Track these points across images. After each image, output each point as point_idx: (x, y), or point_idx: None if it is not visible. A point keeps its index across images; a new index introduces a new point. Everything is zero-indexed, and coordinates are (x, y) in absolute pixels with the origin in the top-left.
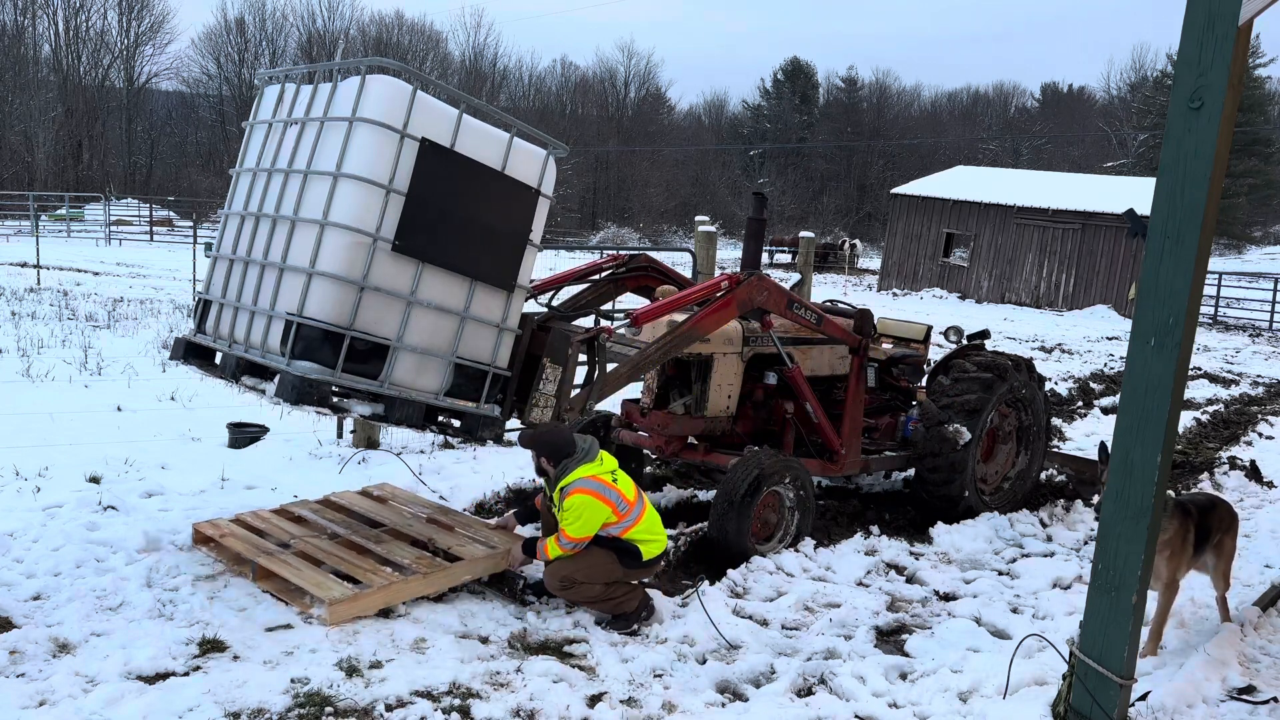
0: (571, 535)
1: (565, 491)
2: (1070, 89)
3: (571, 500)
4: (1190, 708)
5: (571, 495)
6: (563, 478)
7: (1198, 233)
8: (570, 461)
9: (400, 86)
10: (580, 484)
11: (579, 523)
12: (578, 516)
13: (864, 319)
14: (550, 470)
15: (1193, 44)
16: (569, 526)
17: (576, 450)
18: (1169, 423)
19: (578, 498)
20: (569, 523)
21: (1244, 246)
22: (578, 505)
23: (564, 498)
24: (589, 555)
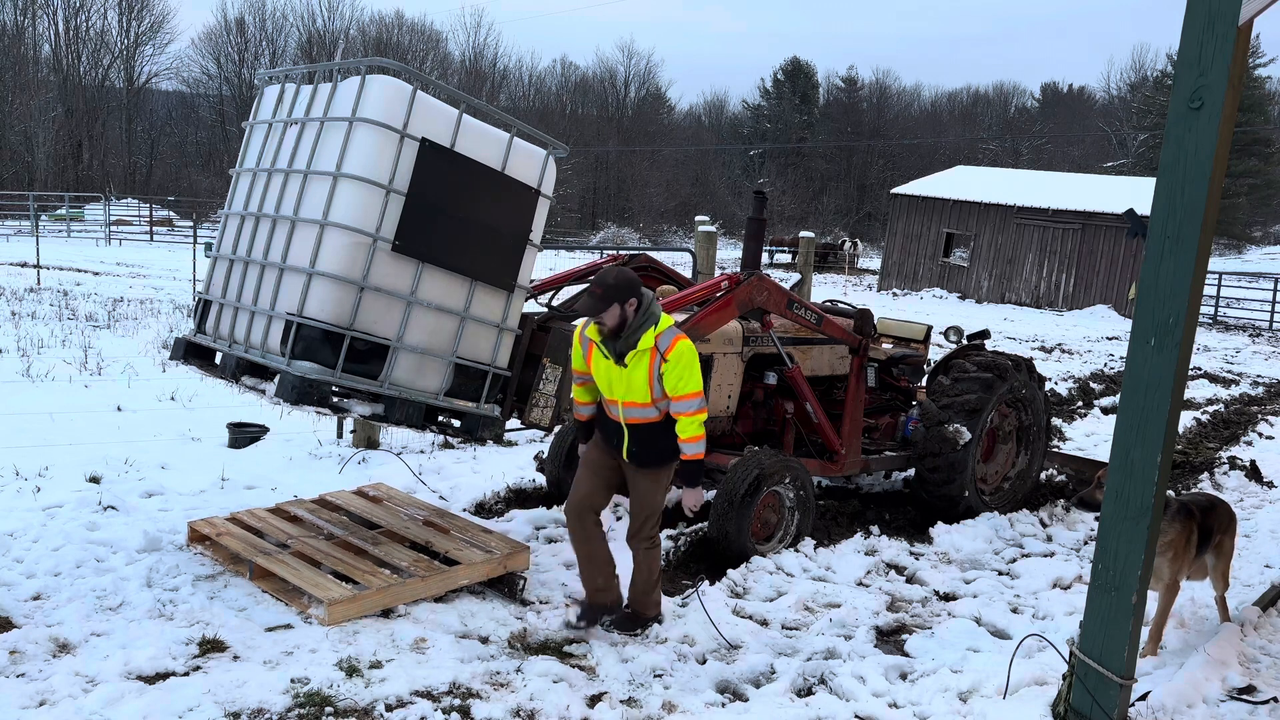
0: (698, 390)
1: (666, 341)
2: (1070, 89)
3: (679, 350)
4: (1190, 708)
5: (676, 344)
6: (650, 325)
7: (1198, 233)
8: (655, 305)
9: (400, 86)
10: (676, 330)
11: (696, 375)
12: (690, 367)
13: (864, 319)
14: (631, 316)
15: (1193, 44)
16: (690, 381)
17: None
18: (1169, 423)
19: (684, 344)
20: (687, 378)
21: (1244, 246)
22: (687, 353)
23: (664, 350)
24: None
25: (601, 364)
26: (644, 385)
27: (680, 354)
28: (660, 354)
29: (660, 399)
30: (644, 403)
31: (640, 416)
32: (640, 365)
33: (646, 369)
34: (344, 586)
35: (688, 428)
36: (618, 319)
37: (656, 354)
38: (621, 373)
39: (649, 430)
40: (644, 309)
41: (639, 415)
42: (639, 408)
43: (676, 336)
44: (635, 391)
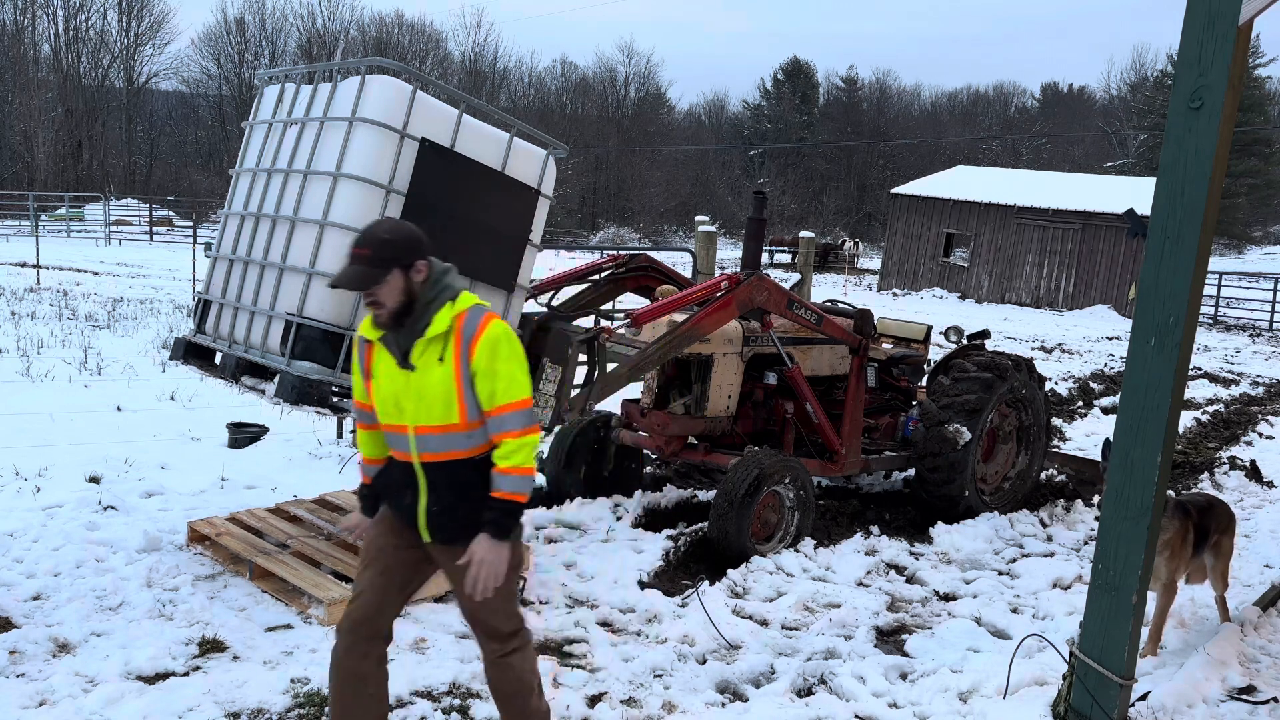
0: (527, 397)
1: (472, 323)
2: (1070, 89)
3: (492, 336)
4: (1190, 708)
5: (487, 327)
6: (445, 299)
7: (1198, 233)
8: (449, 274)
9: (400, 86)
10: (486, 308)
11: (521, 372)
12: (511, 361)
13: (864, 319)
14: (419, 288)
15: (1193, 44)
16: (515, 384)
17: None
18: (1169, 422)
19: (499, 327)
20: (510, 379)
21: (1244, 246)
22: (505, 341)
23: (471, 337)
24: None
25: (384, 373)
26: (444, 394)
27: (495, 342)
28: (465, 343)
29: (475, 420)
30: (446, 426)
31: (442, 450)
32: (435, 363)
33: (448, 368)
34: (344, 586)
35: (512, 453)
36: (400, 295)
37: (461, 343)
38: (408, 380)
39: (461, 475)
40: (435, 278)
41: (440, 448)
42: (439, 434)
43: (487, 316)
44: (430, 407)
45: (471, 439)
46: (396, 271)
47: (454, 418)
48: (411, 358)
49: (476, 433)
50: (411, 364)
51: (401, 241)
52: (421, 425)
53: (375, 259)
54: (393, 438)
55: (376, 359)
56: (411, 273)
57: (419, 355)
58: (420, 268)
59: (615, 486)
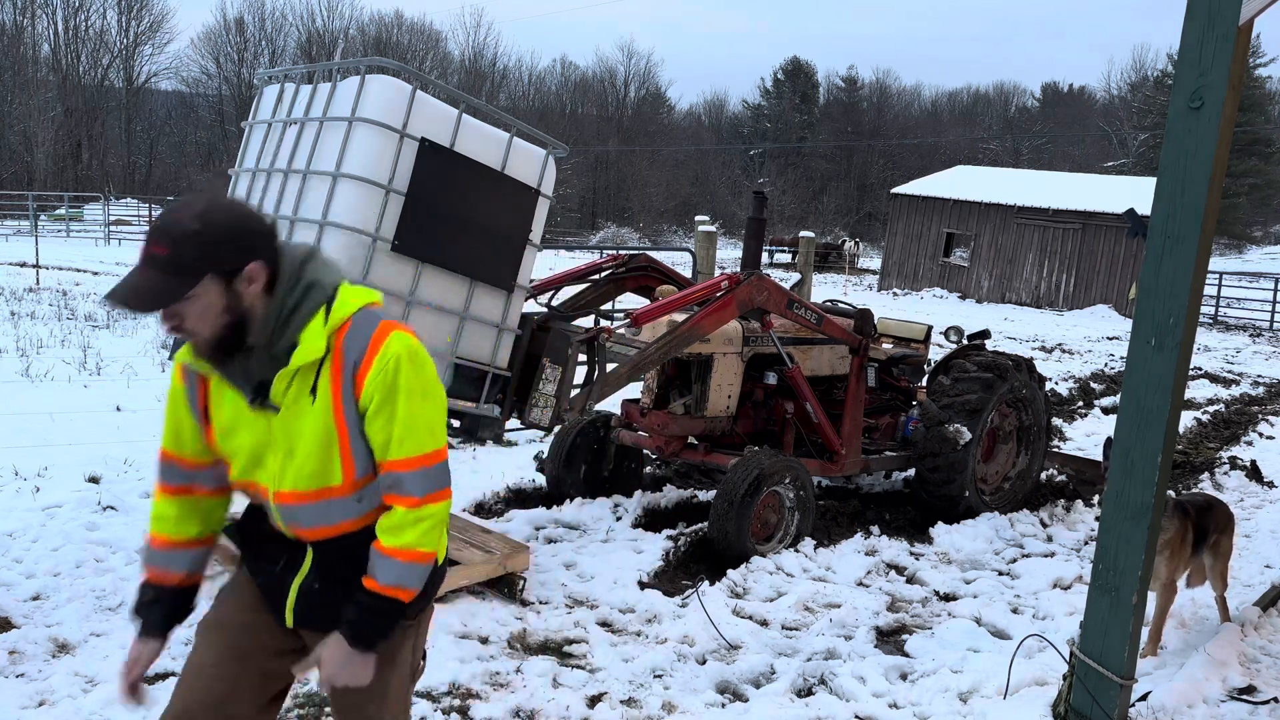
0: (440, 446)
1: (361, 337)
2: (1071, 89)
3: (392, 354)
4: (1190, 708)
5: (386, 340)
6: (316, 306)
7: (1198, 233)
8: (313, 263)
9: (400, 86)
10: (382, 315)
11: (433, 405)
12: (418, 395)
13: (864, 319)
14: (257, 300)
15: (1193, 44)
16: (425, 430)
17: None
18: (1169, 422)
19: (402, 341)
20: (417, 415)
21: (1244, 246)
22: (408, 361)
23: (360, 357)
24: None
25: (233, 414)
26: (320, 446)
27: (393, 364)
28: (349, 368)
29: (366, 476)
30: (322, 491)
31: (318, 524)
32: (305, 400)
33: (324, 406)
34: None
35: (401, 527)
36: (220, 316)
37: (341, 369)
38: (269, 425)
39: (360, 550)
40: (291, 278)
41: (315, 521)
42: (312, 504)
43: (383, 326)
44: (301, 464)
45: (364, 502)
46: (210, 281)
47: (334, 478)
48: (273, 394)
49: (367, 493)
50: (274, 403)
51: (218, 234)
52: (284, 492)
53: (174, 262)
54: (254, 498)
55: (216, 396)
56: (238, 282)
57: (282, 390)
58: (254, 272)
59: (615, 486)
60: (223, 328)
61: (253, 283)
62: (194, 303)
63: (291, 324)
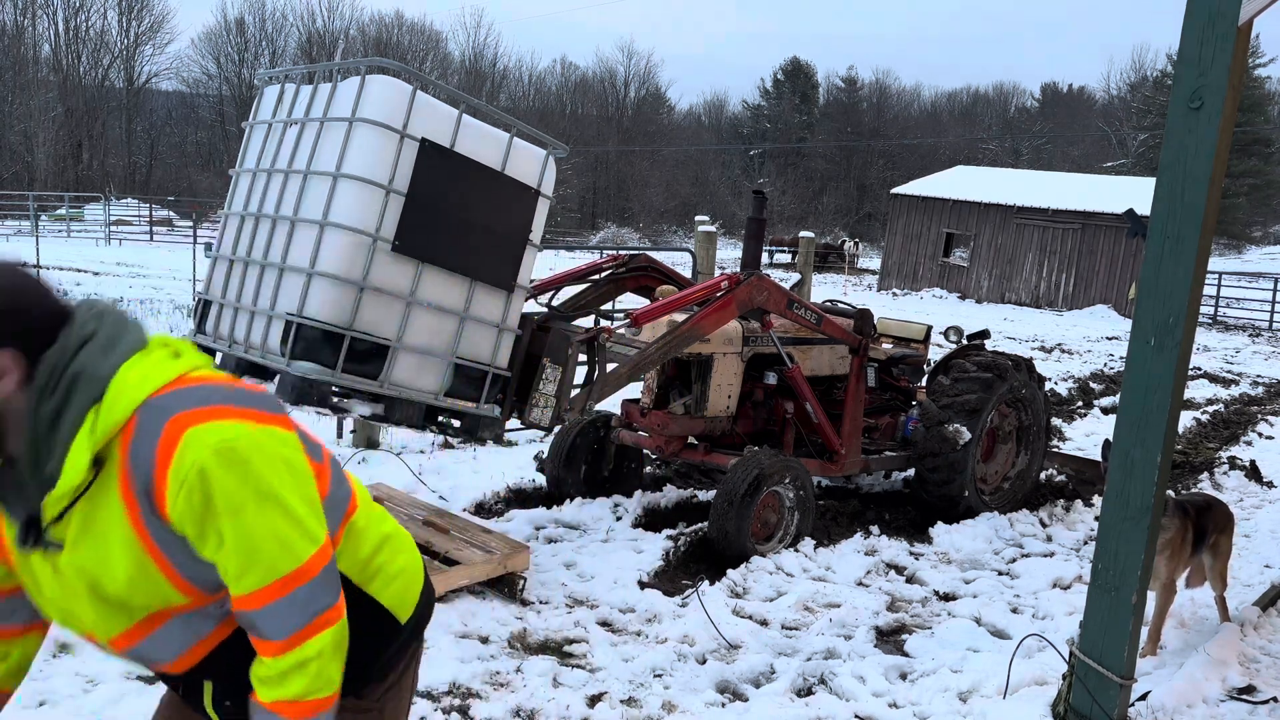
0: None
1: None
2: (1070, 89)
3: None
4: (1190, 707)
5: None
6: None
7: (1197, 232)
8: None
9: (400, 86)
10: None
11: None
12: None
13: (864, 319)
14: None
15: (1193, 44)
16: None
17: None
18: (1169, 422)
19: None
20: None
21: (1244, 246)
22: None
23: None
24: None
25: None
26: (142, 582)
27: (198, 476)
28: (141, 487)
29: (211, 589)
30: (168, 609)
31: (190, 645)
32: (99, 534)
33: (121, 532)
34: None
35: (279, 679)
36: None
37: (130, 486)
38: (55, 568)
39: (244, 658)
40: (52, 373)
41: (183, 644)
42: (164, 626)
43: (175, 423)
44: (118, 608)
45: (224, 606)
46: None
47: (173, 599)
48: (52, 531)
49: (226, 599)
50: (54, 540)
51: None
52: (116, 638)
53: None
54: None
55: (6, 523)
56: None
57: (61, 520)
58: (8, 363)
59: (615, 486)
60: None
61: (5, 376)
62: None
63: (56, 436)
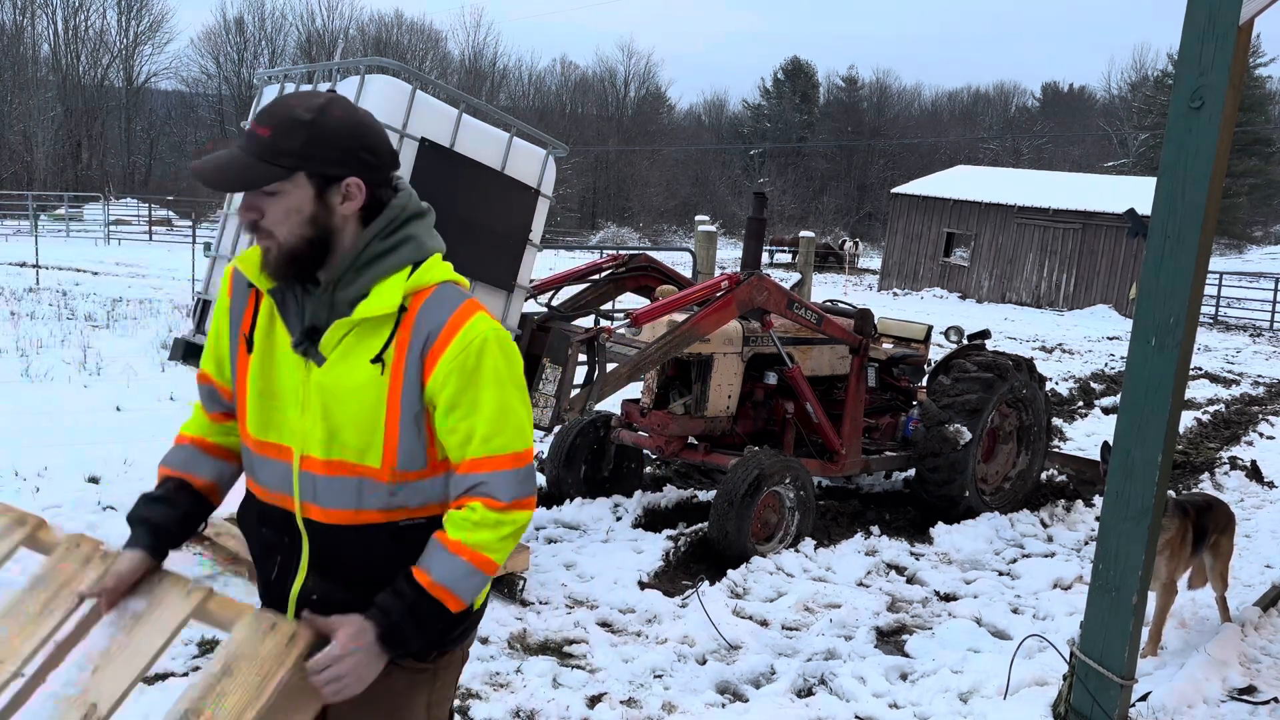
0: (527, 447)
1: (441, 312)
2: (1071, 88)
3: (474, 339)
4: (1191, 708)
5: (467, 323)
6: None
7: (1198, 232)
8: (421, 221)
9: (399, 86)
10: (467, 295)
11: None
12: (515, 380)
13: (864, 319)
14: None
15: (1193, 44)
16: (515, 427)
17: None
18: (1170, 423)
19: (488, 329)
20: (511, 411)
21: (1245, 246)
22: (495, 352)
23: (436, 332)
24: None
25: (270, 350)
26: (367, 417)
27: (477, 350)
28: (421, 343)
29: (409, 470)
30: (356, 468)
31: (341, 505)
32: (362, 363)
33: (383, 378)
34: None
35: (479, 526)
36: (304, 224)
37: (411, 342)
38: (308, 376)
39: (372, 550)
40: (391, 218)
41: (338, 501)
42: (340, 478)
43: (467, 304)
44: (338, 430)
45: (396, 496)
46: (303, 180)
47: (370, 458)
48: (323, 344)
49: (407, 488)
50: (320, 353)
51: (328, 133)
52: (313, 456)
53: (271, 147)
54: (262, 465)
55: (266, 322)
56: (332, 192)
57: (334, 342)
58: (351, 188)
59: (615, 486)
60: (301, 240)
61: (347, 200)
62: (279, 199)
63: (368, 272)
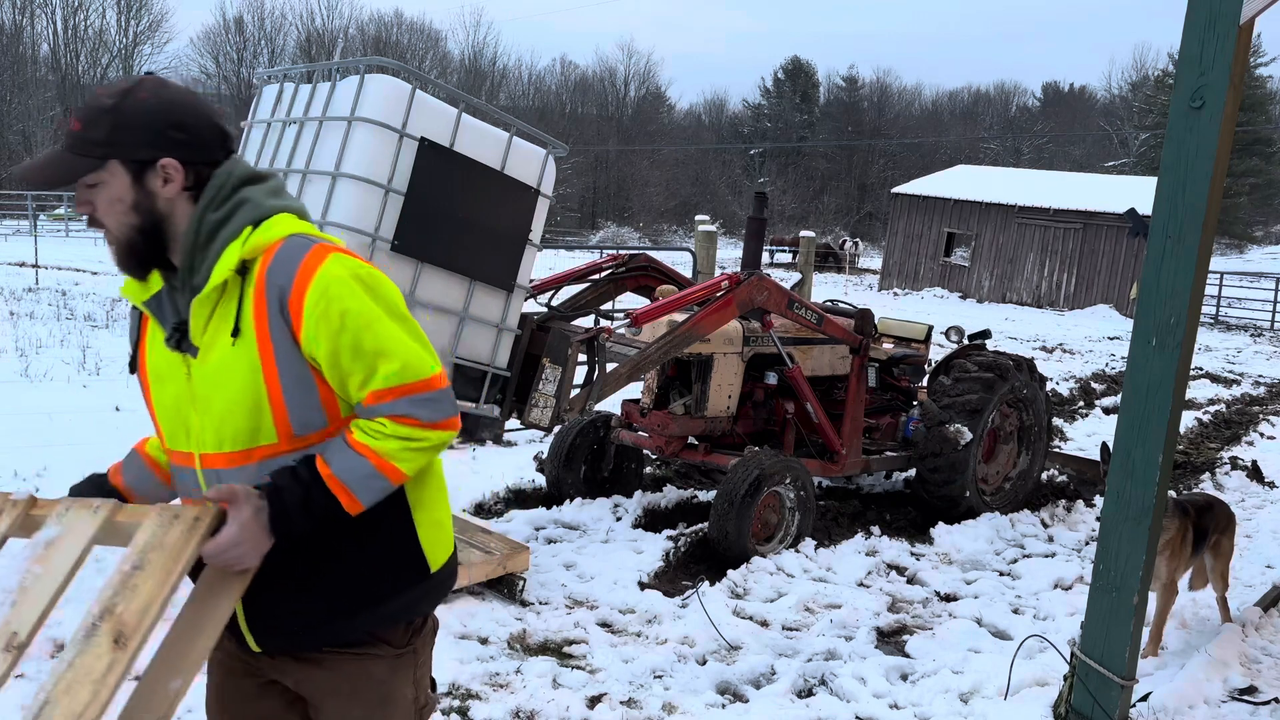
0: (438, 373)
1: (289, 261)
2: (1071, 88)
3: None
4: (1191, 708)
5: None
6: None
7: (1199, 232)
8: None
9: (399, 86)
10: (318, 242)
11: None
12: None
13: (864, 319)
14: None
15: (1194, 43)
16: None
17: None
18: (1170, 423)
19: (341, 265)
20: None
21: (1245, 246)
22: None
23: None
24: None
25: (157, 361)
26: (246, 394)
27: (339, 284)
28: (276, 300)
29: (307, 432)
30: (254, 450)
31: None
32: (225, 339)
33: (247, 346)
34: None
35: (391, 439)
36: (126, 213)
37: (265, 301)
38: (189, 373)
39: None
40: (219, 189)
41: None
42: (251, 465)
43: (321, 249)
44: (224, 419)
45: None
46: (117, 168)
47: (265, 435)
48: (191, 333)
49: (313, 451)
50: (192, 344)
51: (132, 117)
52: (208, 454)
53: (82, 140)
54: (177, 475)
55: (150, 335)
56: (150, 177)
57: (201, 327)
58: (170, 170)
59: (615, 486)
60: (131, 230)
61: (167, 182)
62: (100, 190)
63: (211, 247)
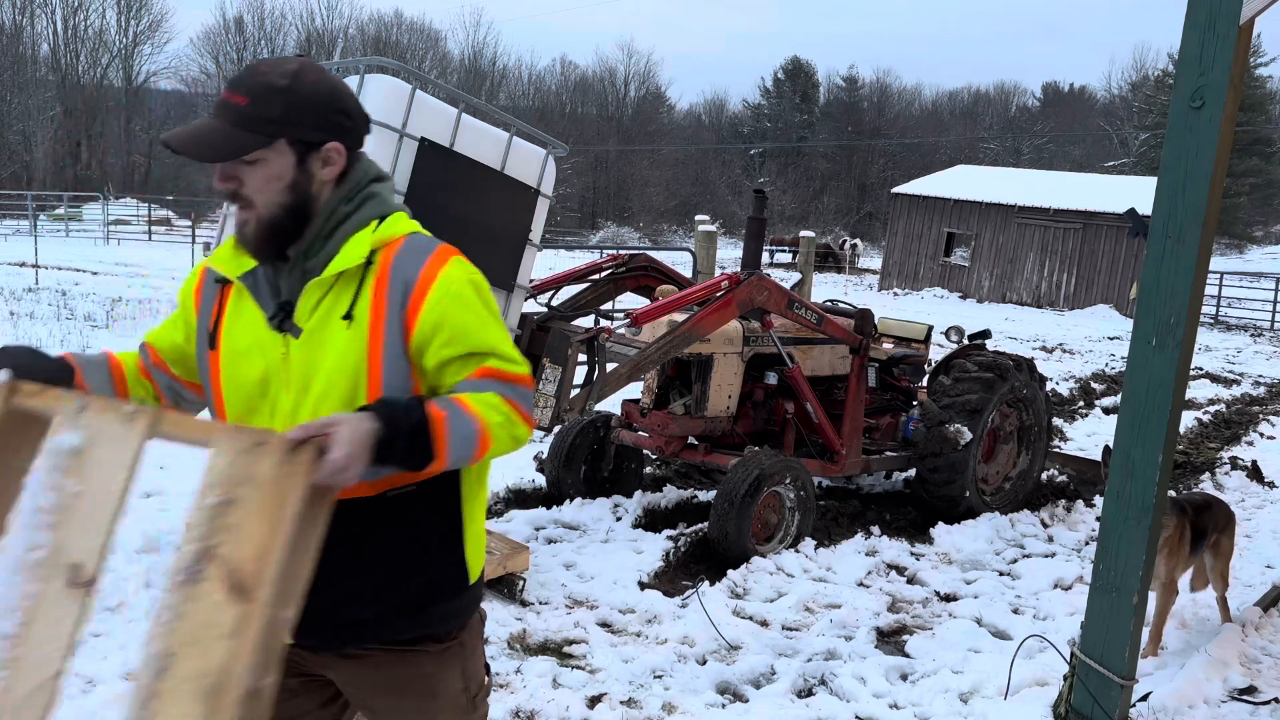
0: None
1: (414, 259)
2: (1071, 88)
3: (455, 277)
4: (1191, 708)
5: (444, 268)
6: (368, 216)
7: (1199, 232)
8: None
9: (399, 86)
10: (436, 242)
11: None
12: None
13: (864, 319)
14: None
15: (1194, 43)
16: (516, 355)
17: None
18: (1170, 423)
19: (462, 270)
20: (504, 342)
21: (1245, 246)
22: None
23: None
24: None
25: (244, 335)
26: (348, 379)
27: (461, 286)
28: (399, 292)
29: None
30: None
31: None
32: (336, 323)
33: (360, 332)
34: None
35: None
36: (284, 191)
37: (387, 291)
38: (288, 352)
39: (363, 524)
40: (359, 180)
41: None
42: None
43: (441, 250)
44: (321, 400)
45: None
46: (284, 147)
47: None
48: (297, 314)
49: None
50: (295, 325)
51: (307, 98)
52: None
53: (251, 116)
54: None
55: (233, 312)
56: (313, 158)
57: (309, 309)
58: (334, 154)
59: (615, 486)
60: (280, 209)
61: (328, 165)
62: (259, 168)
63: (337, 234)
